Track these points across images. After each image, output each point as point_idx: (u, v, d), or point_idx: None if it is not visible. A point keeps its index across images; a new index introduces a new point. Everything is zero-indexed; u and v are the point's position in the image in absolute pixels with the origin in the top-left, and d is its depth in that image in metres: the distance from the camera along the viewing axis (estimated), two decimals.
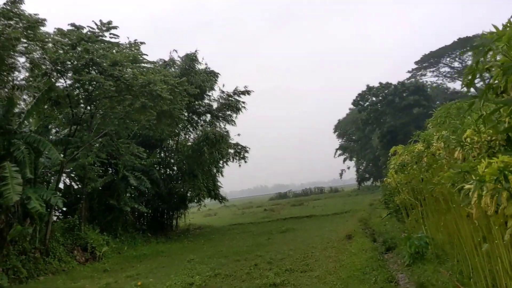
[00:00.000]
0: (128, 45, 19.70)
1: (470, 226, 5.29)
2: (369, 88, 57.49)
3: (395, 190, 11.93)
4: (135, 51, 19.27)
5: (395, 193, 12.46)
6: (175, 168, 27.15)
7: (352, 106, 67.62)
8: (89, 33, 17.19)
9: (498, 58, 2.64)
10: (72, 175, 21.18)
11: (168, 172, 26.55)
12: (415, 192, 8.82)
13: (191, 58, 25.38)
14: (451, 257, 6.88)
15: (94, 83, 14.97)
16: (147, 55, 19.40)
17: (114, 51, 18.01)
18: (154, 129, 18.57)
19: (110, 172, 23.16)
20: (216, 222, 34.70)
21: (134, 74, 15.15)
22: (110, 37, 18.52)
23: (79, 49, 15.03)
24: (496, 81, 2.80)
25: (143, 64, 19.19)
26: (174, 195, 24.65)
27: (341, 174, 77.39)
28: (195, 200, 25.16)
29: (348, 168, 75.70)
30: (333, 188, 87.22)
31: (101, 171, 21.86)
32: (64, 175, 20.25)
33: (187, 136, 27.19)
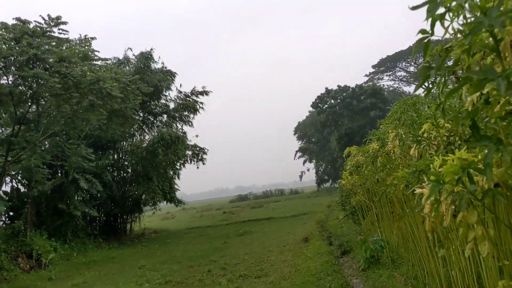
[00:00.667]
0: (78, 41, 18.81)
1: (425, 230, 5.05)
2: (328, 91, 58.09)
3: (350, 191, 11.75)
4: (86, 47, 18.39)
5: (351, 195, 12.30)
6: (129, 170, 26.20)
7: (311, 109, 68.19)
8: (36, 27, 16.24)
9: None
10: (20, 177, 20.05)
11: (122, 175, 25.56)
12: (370, 194, 8.63)
13: (146, 57, 24.54)
14: (406, 261, 6.68)
15: (38, 80, 14.00)
16: (98, 51, 18.58)
17: (64, 47, 17.13)
18: (104, 130, 17.65)
19: (60, 174, 22.07)
20: (173, 226, 33.92)
21: (83, 71, 14.29)
22: (59, 33, 17.61)
23: (24, 43, 14.05)
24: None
25: (94, 62, 18.37)
26: (128, 199, 23.74)
27: (301, 176, 77.85)
28: (150, 204, 24.30)
29: (308, 170, 76.26)
30: (293, 190, 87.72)
31: (49, 174, 20.77)
32: (8, 178, 19.09)
33: (142, 137, 26.27)
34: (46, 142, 18.17)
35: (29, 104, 15.29)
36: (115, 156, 25.78)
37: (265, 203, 52.60)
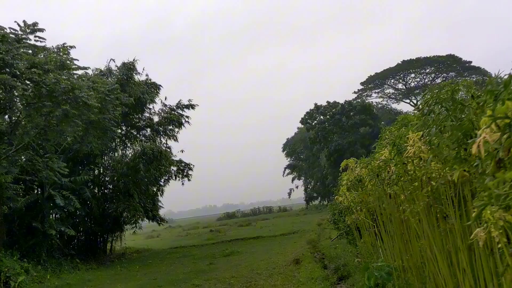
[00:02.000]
0: (56, 49, 17.79)
1: (452, 259, 4.05)
2: (317, 107, 57.45)
3: (347, 209, 10.71)
4: (64, 56, 17.36)
5: (346, 213, 11.25)
6: (110, 186, 24.91)
7: (300, 125, 67.51)
8: (11, 34, 15.18)
9: None
10: None
11: (102, 191, 24.25)
12: (372, 212, 7.64)
13: (128, 67, 23.49)
14: None
15: (5, 87, 12.85)
16: (77, 60, 17.56)
17: (41, 55, 16.09)
18: (80, 142, 16.47)
19: (36, 191, 20.77)
20: (157, 245, 32.52)
21: (57, 79, 13.19)
22: (36, 40, 16.58)
23: None
24: None
25: (74, 72, 17.31)
26: (108, 216, 22.40)
27: (289, 193, 76.84)
28: (131, 222, 22.97)
29: (297, 187, 75.36)
30: (282, 207, 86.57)
31: (22, 190, 19.47)
32: None
33: (124, 152, 25.05)
34: (23, 157, 16.88)
35: None
36: (95, 171, 24.50)
37: (253, 221, 51.42)
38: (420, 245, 5.14)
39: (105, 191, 24.51)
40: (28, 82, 13.72)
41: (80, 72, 18.36)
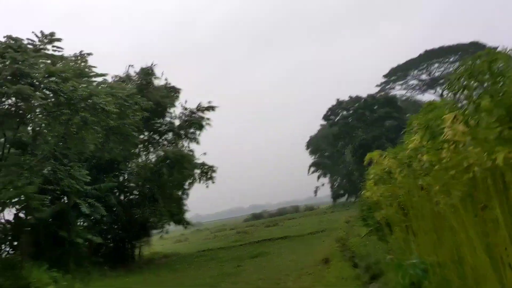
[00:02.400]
0: (74, 58, 17.83)
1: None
2: (339, 102, 56.59)
3: (375, 204, 10.21)
4: (82, 64, 17.39)
5: (375, 208, 10.75)
6: (136, 192, 24.94)
7: (323, 122, 66.72)
8: (28, 45, 15.27)
9: None
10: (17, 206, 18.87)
11: (127, 198, 24.30)
12: (402, 206, 7.17)
13: (146, 72, 23.47)
14: None
15: (23, 96, 12.85)
16: (95, 67, 17.56)
17: (59, 64, 16.14)
18: (101, 149, 16.42)
19: (61, 200, 20.91)
20: (185, 249, 32.44)
21: (74, 86, 13.14)
22: (53, 50, 16.64)
23: (7, 58, 12.99)
24: None
25: (93, 79, 17.33)
26: (134, 222, 22.39)
27: (315, 192, 76.01)
28: (158, 227, 22.91)
29: (323, 185, 74.36)
30: (309, 206, 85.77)
31: (48, 200, 19.62)
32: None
33: (148, 157, 25.04)
34: (47, 167, 16.93)
35: (17, 124, 14.09)
36: (120, 178, 24.58)
37: (280, 221, 50.95)
38: (458, 239, 4.69)
39: (131, 197, 24.54)
40: (46, 91, 13.68)
41: (99, 79, 18.41)
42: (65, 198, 21.02)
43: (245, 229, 46.16)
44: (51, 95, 13.81)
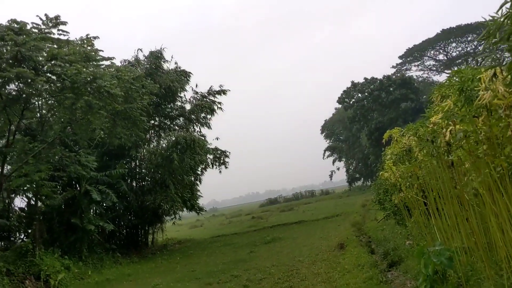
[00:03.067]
0: (80, 42, 17.35)
1: None
2: (354, 85, 55.43)
3: (393, 187, 9.61)
4: (89, 48, 16.91)
5: (393, 191, 10.15)
6: (149, 179, 24.65)
7: (338, 105, 65.65)
8: (33, 29, 14.84)
9: None
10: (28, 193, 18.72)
11: (139, 184, 24.02)
12: (423, 187, 6.56)
13: (156, 56, 22.93)
14: (490, 280, 4.64)
15: (25, 80, 12.42)
16: (102, 50, 17.08)
17: (65, 49, 15.70)
18: (108, 134, 16.00)
19: (73, 187, 20.73)
20: (200, 235, 32.30)
21: (77, 69, 12.68)
22: (59, 34, 16.20)
23: (7, 40, 12.55)
24: None
25: (101, 63, 16.87)
26: (146, 209, 22.11)
27: (331, 176, 75.34)
28: (171, 213, 22.60)
29: (338, 169, 73.62)
30: (324, 190, 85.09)
31: (59, 187, 19.43)
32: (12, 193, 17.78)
33: (160, 143, 24.65)
34: (55, 154, 16.61)
35: (22, 109, 13.70)
36: (132, 164, 24.30)
37: (295, 206, 50.57)
38: (491, 222, 4.10)
39: (142, 183, 24.26)
40: (50, 75, 13.26)
41: (107, 63, 17.95)
42: (77, 185, 20.96)
43: (260, 214, 45.88)
44: (55, 79, 13.35)
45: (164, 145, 23.39)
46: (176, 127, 24.95)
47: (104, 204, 20.79)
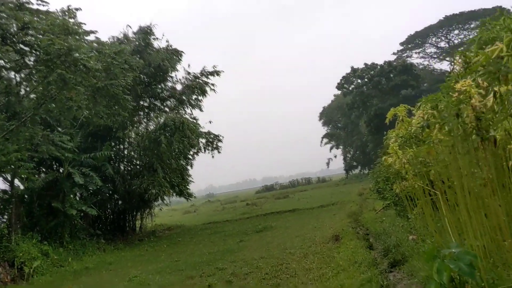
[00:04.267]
0: (61, 14, 16.10)
1: None
2: (354, 70, 54.06)
3: (395, 174, 8.52)
4: (71, 20, 15.68)
5: (394, 179, 9.08)
6: (137, 162, 23.56)
7: (337, 92, 64.39)
8: None
9: None
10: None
11: (127, 167, 22.93)
12: (437, 175, 5.47)
13: (145, 32, 21.64)
14: None
15: None
16: (85, 23, 15.85)
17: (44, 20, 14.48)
18: (94, 114, 14.81)
19: (54, 169, 19.68)
20: (192, 221, 31.40)
21: (51, 39, 11.49)
22: (38, 4, 14.99)
23: None
24: None
25: (85, 37, 15.66)
26: (133, 193, 21.06)
27: (328, 163, 74.43)
28: (159, 198, 21.54)
29: (335, 156, 72.73)
30: (321, 178, 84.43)
31: (37, 168, 18.37)
32: None
33: (148, 125, 23.48)
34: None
35: None
36: (120, 146, 23.19)
37: (291, 193, 49.81)
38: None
39: (130, 167, 23.18)
40: (22, 47, 12.09)
41: (92, 38, 16.75)
42: (59, 167, 19.89)
43: (255, 201, 45.08)
44: (28, 50, 12.19)
45: (152, 127, 22.22)
46: (167, 109, 23.78)
47: (89, 188, 19.72)
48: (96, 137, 21.17)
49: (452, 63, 4.93)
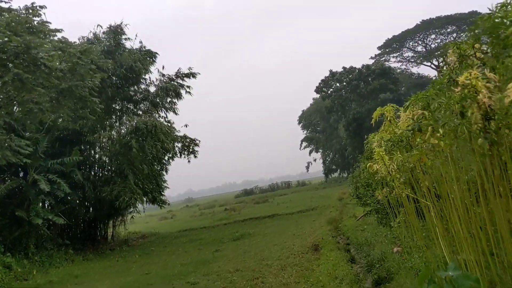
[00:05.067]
0: (24, 11, 15.14)
1: None
2: (333, 74, 53.83)
3: (378, 181, 7.91)
4: (35, 18, 14.73)
5: (377, 186, 8.49)
6: (108, 168, 22.49)
7: (315, 95, 64.12)
8: None
9: None
10: None
11: (97, 174, 21.86)
12: (430, 184, 4.85)
13: (114, 31, 20.69)
14: None
15: None
16: (50, 22, 14.92)
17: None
18: (51, 114, 13.86)
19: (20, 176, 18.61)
20: (168, 228, 30.38)
21: (8, 36, 10.58)
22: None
23: None
24: None
25: (51, 37, 14.70)
26: (104, 201, 20.02)
27: (307, 167, 74.04)
28: (130, 206, 20.54)
29: (315, 160, 72.41)
30: (301, 181, 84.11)
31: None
32: None
33: (119, 129, 22.41)
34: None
35: None
36: (91, 151, 22.14)
37: (271, 197, 49.20)
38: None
39: (102, 173, 22.13)
40: None
41: (59, 37, 15.79)
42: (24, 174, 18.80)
43: (234, 206, 44.32)
44: None
45: (124, 131, 21.23)
46: (140, 112, 22.83)
47: (57, 196, 18.66)
48: (64, 141, 20.14)
49: (444, 59, 4.35)
